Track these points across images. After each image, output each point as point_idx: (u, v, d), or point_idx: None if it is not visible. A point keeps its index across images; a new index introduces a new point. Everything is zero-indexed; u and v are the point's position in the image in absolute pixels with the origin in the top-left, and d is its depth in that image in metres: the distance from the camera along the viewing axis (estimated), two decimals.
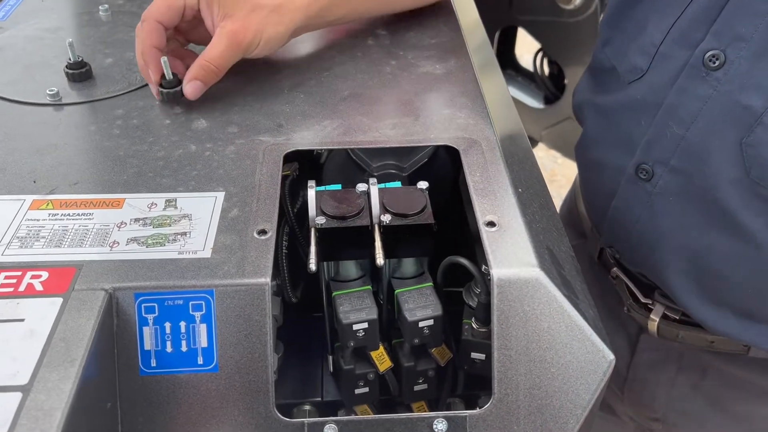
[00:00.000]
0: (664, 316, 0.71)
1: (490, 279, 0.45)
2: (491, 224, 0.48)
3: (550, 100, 1.83)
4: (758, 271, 0.61)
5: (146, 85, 0.64)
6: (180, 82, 0.60)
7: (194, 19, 0.62)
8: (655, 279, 0.69)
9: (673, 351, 0.74)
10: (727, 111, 0.56)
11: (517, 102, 1.86)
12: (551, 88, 1.83)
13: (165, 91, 0.60)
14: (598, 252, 0.78)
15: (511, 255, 0.46)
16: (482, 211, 0.49)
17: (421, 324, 0.51)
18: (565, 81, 1.76)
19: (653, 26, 0.61)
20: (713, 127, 0.57)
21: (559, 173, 2.38)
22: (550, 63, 1.82)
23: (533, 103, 1.84)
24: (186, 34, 0.66)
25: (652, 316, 0.71)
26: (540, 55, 1.82)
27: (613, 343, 0.80)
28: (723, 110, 0.56)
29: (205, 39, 0.62)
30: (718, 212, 0.59)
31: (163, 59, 0.59)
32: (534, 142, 1.92)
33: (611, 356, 0.45)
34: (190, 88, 0.59)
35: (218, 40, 0.59)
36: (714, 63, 0.56)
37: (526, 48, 1.92)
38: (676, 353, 0.74)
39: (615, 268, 0.75)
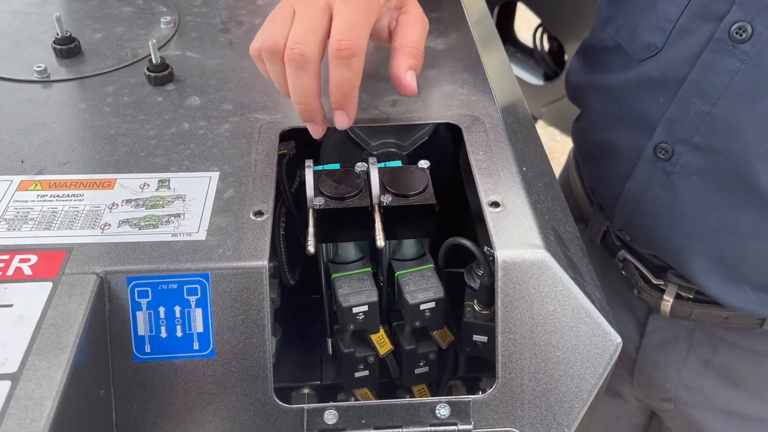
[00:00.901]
0: (677, 296, 0.70)
1: (493, 261, 0.44)
2: (495, 204, 0.47)
3: (549, 76, 1.80)
4: None
5: (138, 61, 0.62)
6: (167, 66, 0.58)
7: None
8: (671, 260, 0.68)
9: (683, 330, 0.73)
10: (758, 84, 0.54)
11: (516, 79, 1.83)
12: (551, 64, 1.80)
13: (152, 74, 0.58)
14: (601, 235, 0.77)
15: (515, 236, 0.44)
16: (486, 190, 0.48)
17: (422, 307, 0.49)
18: (565, 57, 1.74)
19: (666, 1, 0.59)
20: (742, 102, 0.55)
21: (558, 151, 2.37)
22: (549, 39, 1.80)
23: (532, 79, 1.82)
24: None
25: (665, 297, 0.70)
26: (539, 30, 1.79)
27: (620, 327, 0.79)
28: (753, 83, 0.55)
29: None
30: (744, 189, 0.58)
31: (151, 42, 0.57)
32: (533, 120, 1.90)
33: (618, 339, 0.44)
34: (410, 80, 0.51)
35: (411, 25, 0.53)
36: (741, 35, 0.54)
37: (525, 24, 1.89)
38: (687, 332, 0.73)
39: (622, 251, 0.73)
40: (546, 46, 1.81)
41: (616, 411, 0.90)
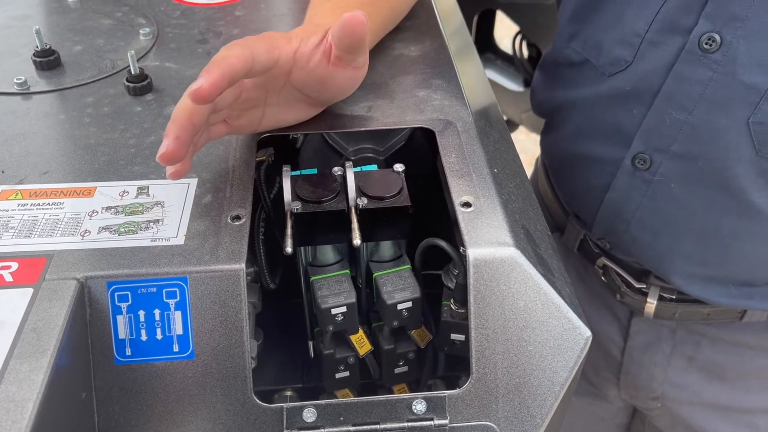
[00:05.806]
0: (659, 298, 0.71)
1: (466, 259, 0.45)
2: (467, 205, 0.48)
3: (529, 82, 1.82)
4: (764, 243, 0.62)
5: (117, 72, 0.63)
6: (146, 76, 0.59)
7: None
8: (652, 266, 0.69)
9: (665, 329, 0.75)
10: (731, 91, 0.56)
11: (496, 85, 1.84)
12: (530, 70, 1.82)
13: (131, 85, 0.59)
14: (578, 244, 0.78)
15: (486, 235, 0.46)
16: (457, 192, 0.49)
17: (399, 306, 0.50)
18: None
19: (633, 16, 0.61)
20: (718, 109, 0.57)
21: None
22: (528, 46, 1.82)
23: (513, 86, 1.84)
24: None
25: (648, 299, 0.71)
26: (519, 37, 1.81)
27: (604, 331, 0.81)
28: (727, 91, 0.56)
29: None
30: (724, 193, 0.60)
31: (130, 53, 0.58)
32: (514, 126, 1.92)
33: (588, 333, 0.45)
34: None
35: None
36: (710, 45, 0.56)
37: (506, 32, 1.91)
38: (669, 331, 0.75)
39: (602, 258, 0.75)
40: (525, 53, 1.84)
41: (600, 412, 0.92)
